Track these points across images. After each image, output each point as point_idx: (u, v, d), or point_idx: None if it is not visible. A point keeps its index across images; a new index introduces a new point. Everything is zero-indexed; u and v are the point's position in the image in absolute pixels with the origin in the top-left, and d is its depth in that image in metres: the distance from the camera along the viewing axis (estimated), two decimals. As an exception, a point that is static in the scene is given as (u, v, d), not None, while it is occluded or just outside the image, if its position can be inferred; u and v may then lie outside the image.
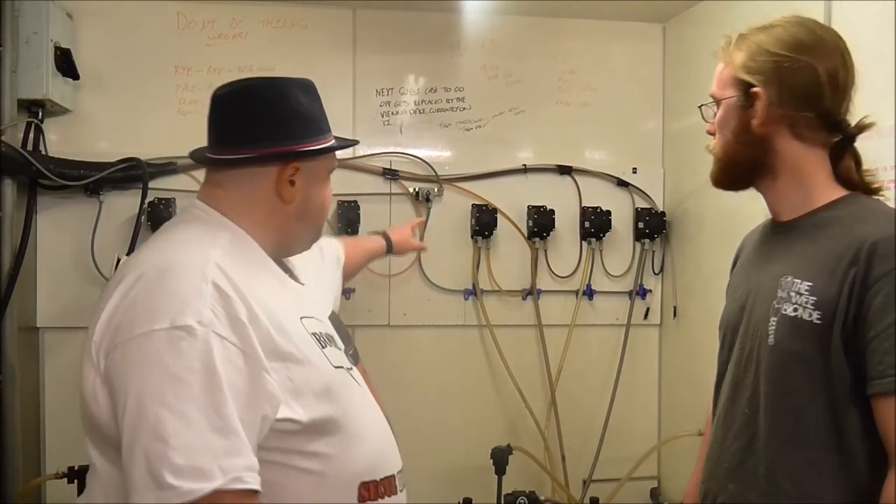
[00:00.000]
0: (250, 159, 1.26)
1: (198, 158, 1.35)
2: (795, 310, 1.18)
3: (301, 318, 1.25)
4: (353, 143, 1.55)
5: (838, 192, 1.23)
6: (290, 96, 1.29)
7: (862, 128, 1.22)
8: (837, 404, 1.13)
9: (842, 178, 1.23)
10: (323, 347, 1.25)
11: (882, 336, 1.08)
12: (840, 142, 1.22)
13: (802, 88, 1.19)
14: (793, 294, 1.19)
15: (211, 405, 1.04)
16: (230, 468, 1.02)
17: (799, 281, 1.19)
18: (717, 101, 1.29)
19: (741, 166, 1.27)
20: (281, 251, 1.34)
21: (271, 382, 1.10)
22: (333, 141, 1.35)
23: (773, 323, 1.21)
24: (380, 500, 1.24)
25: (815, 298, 1.15)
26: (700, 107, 1.36)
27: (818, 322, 1.14)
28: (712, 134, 1.31)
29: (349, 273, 2.04)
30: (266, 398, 1.10)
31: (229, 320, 1.09)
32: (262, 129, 1.26)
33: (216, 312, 1.08)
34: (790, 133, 1.22)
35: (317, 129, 1.31)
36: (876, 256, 1.10)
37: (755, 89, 1.22)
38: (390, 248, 2.26)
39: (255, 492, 1.06)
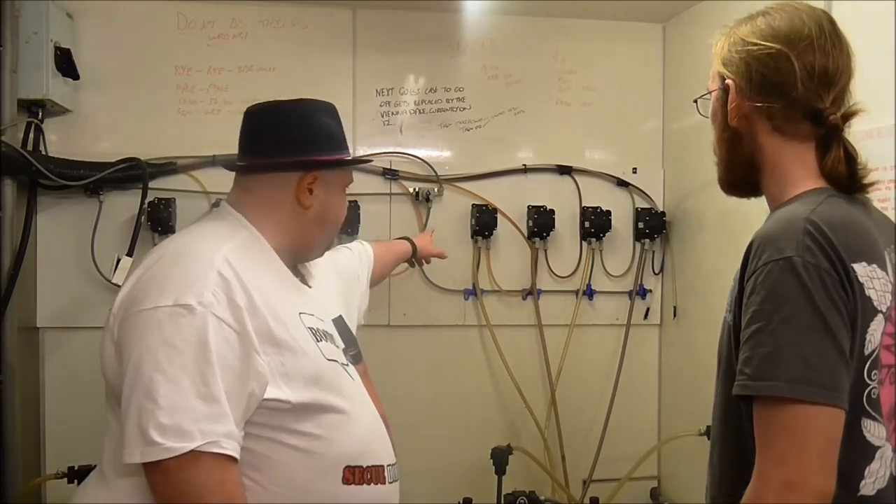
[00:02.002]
0: (275, 164, 1.41)
1: (228, 165, 1.50)
2: (726, 311, 1.18)
3: (300, 313, 1.36)
4: (368, 160, 1.90)
5: (806, 187, 1.16)
6: (314, 116, 1.46)
7: (847, 116, 1.15)
8: (739, 406, 1.10)
9: (828, 172, 1.16)
10: (318, 341, 1.35)
11: (741, 337, 1.05)
12: (825, 134, 1.16)
13: (773, 77, 1.15)
14: (728, 295, 1.18)
15: (199, 374, 1.16)
16: (210, 432, 1.15)
17: (732, 281, 1.18)
18: (710, 95, 1.27)
19: (731, 164, 1.24)
20: (295, 255, 1.47)
21: (261, 363, 1.22)
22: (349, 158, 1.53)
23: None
24: (364, 486, 1.33)
25: (730, 299, 1.15)
26: (696, 100, 1.33)
27: (731, 323, 1.13)
28: None
29: (380, 276, 2.14)
30: (254, 376, 1.22)
31: (229, 304, 1.22)
32: (288, 140, 1.42)
33: (217, 296, 1.21)
34: (769, 126, 1.17)
35: (336, 145, 1.49)
36: (751, 255, 1.07)
37: (727, 81, 1.20)
38: (415, 251, 2.34)
39: (232, 459, 1.17)
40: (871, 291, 1.05)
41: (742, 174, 1.25)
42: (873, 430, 1.07)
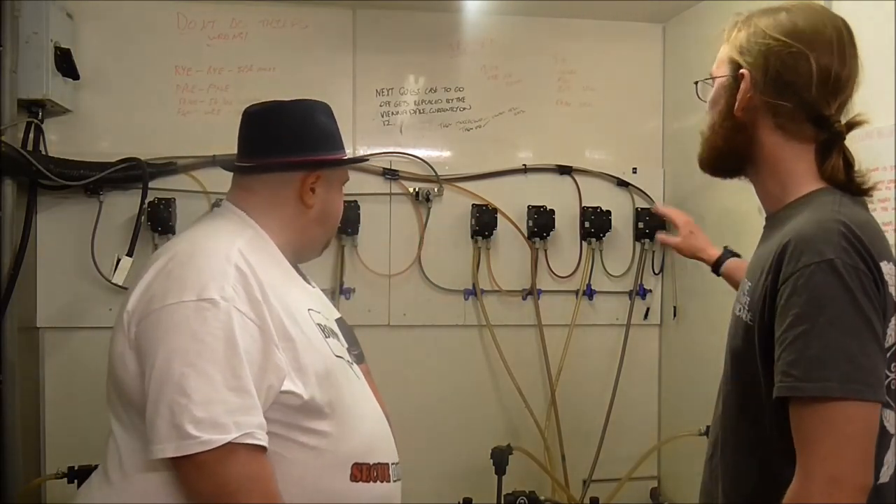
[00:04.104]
0: (280, 165, 1.42)
1: (228, 166, 1.49)
2: (740, 310, 1.18)
3: (308, 309, 1.37)
4: (366, 158, 2.00)
5: (811, 187, 1.17)
6: (312, 115, 1.47)
7: (852, 125, 1.17)
8: (762, 404, 1.12)
9: (827, 177, 1.17)
10: (326, 337, 1.36)
11: (780, 340, 1.06)
12: (828, 139, 1.17)
13: (789, 76, 1.14)
14: (742, 294, 1.19)
15: (229, 367, 1.17)
16: (244, 424, 1.16)
17: (747, 281, 1.19)
18: (713, 81, 1.26)
19: (723, 152, 1.24)
20: (297, 252, 1.48)
21: (279, 356, 1.23)
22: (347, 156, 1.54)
23: (731, 322, 1.23)
24: (371, 483, 1.34)
25: (749, 299, 1.15)
26: (696, 83, 1.33)
27: (750, 323, 1.14)
28: None
29: None
30: (273, 370, 1.23)
31: (248, 298, 1.23)
32: (290, 141, 1.43)
33: (237, 290, 1.22)
34: (773, 123, 1.17)
35: (334, 144, 1.49)
36: (786, 257, 1.07)
37: (742, 71, 1.18)
38: None
39: (264, 449, 1.19)
40: (892, 288, 1.08)
41: (729, 162, 1.26)
42: (891, 420, 1.10)
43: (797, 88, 1.15)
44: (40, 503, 2.41)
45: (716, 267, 1.87)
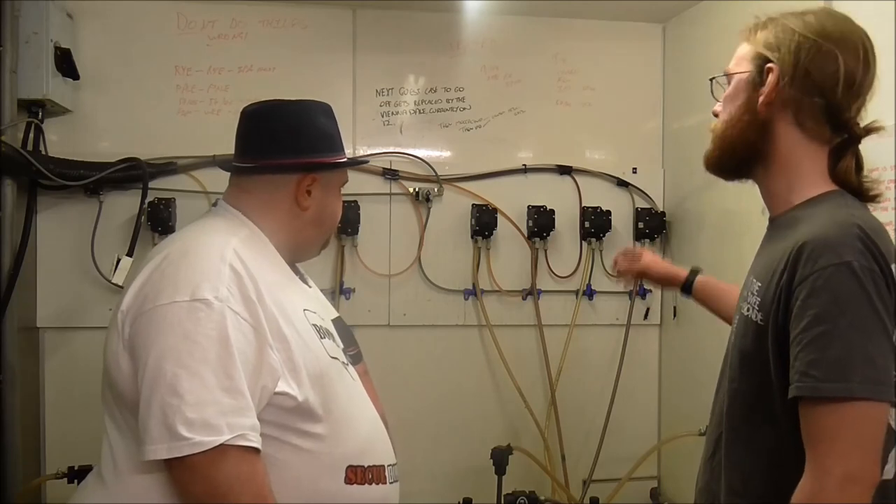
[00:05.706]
0: (274, 167, 1.41)
1: (225, 165, 1.48)
2: (748, 310, 1.18)
3: (304, 310, 1.37)
4: (364, 161, 1.91)
5: (821, 189, 1.18)
6: (311, 116, 1.46)
7: (869, 130, 1.19)
8: (773, 404, 1.13)
9: (839, 180, 1.18)
10: (321, 338, 1.36)
11: (797, 340, 1.07)
12: (843, 141, 1.18)
13: (818, 74, 1.15)
14: (749, 294, 1.19)
15: (222, 368, 1.16)
16: (237, 426, 1.15)
17: (755, 281, 1.19)
18: (730, 77, 1.26)
19: (737, 148, 1.23)
20: (293, 254, 1.47)
21: (274, 357, 1.23)
22: (346, 158, 1.52)
23: (735, 321, 1.24)
24: (366, 486, 1.33)
25: (759, 299, 1.16)
26: (711, 79, 1.32)
27: (761, 323, 1.14)
28: (717, 115, 1.28)
29: None
30: (268, 371, 1.22)
31: (242, 298, 1.22)
32: (286, 142, 1.42)
33: (231, 290, 1.21)
34: (793, 119, 1.18)
35: (333, 145, 1.47)
36: (801, 259, 1.08)
37: (770, 64, 1.18)
38: None
39: (257, 451, 1.18)
40: None
41: (739, 159, 1.25)
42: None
43: (823, 88, 1.16)
44: (40, 503, 2.42)
45: (686, 285, 1.77)
